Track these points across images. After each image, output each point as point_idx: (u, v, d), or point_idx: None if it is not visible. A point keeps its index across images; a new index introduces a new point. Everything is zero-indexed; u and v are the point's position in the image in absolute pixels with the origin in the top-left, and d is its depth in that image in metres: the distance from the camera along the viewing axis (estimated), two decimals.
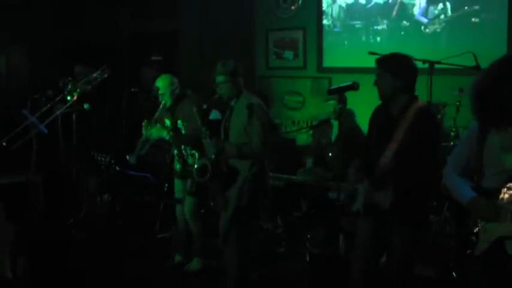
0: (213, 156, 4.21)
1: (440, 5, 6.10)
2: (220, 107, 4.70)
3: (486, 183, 2.84)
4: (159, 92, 4.98)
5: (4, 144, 5.06)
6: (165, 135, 4.88)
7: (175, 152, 5.03)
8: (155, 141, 5.10)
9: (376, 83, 3.48)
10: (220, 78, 4.23)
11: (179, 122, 4.93)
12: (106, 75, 5.85)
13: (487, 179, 2.84)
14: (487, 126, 2.81)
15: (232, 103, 4.28)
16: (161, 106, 5.01)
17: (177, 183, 5.11)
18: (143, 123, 5.04)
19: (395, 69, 3.42)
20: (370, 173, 3.43)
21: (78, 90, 5.57)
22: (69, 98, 5.55)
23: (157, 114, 5.01)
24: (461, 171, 2.98)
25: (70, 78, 5.64)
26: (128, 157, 5.03)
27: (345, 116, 5.48)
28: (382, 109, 3.57)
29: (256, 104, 4.18)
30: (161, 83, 4.99)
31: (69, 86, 5.55)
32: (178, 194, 5.10)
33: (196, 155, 4.80)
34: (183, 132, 4.91)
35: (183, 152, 4.95)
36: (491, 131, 2.79)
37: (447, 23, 6.09)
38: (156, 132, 4.95)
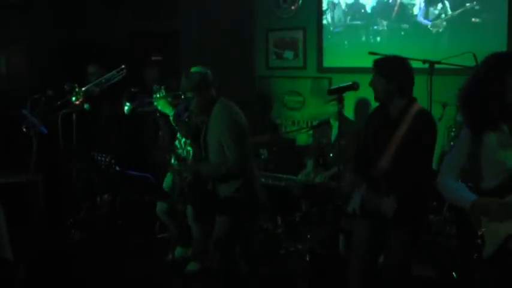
0: (190, 178, 4.09)
1: (440, 5, 6.10)
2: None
3: (486, 184, 2.79)
4: None
5: None
6: (169, 112, 4.81)
7: (176, 142, 5.00)
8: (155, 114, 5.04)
9: (370, 84, 3.50)
10: (188, 94, 4.00)
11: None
12: (121, 77, 5.87)
13: (486, 181, 2.79)
14: (481, 129, 2.78)
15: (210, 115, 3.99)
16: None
17: (168, 176, 5.09)
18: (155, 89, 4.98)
19: (389, 73, 3.42)
20: (368, 176, 3.43)
21: (82, 93, 5.62)
22: (73, 99, 5.59)
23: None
24: (458, 178, 2.91)
25: (76, 85, 5.68)
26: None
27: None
28: (380, 112, 3.57)
29: (230, 120, 3.87)
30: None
31: (76, 89, 5.59)
32: (165, 186, 5.09)
33: (191, 152, 4.79)
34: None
35: (180, 144, 4.93)
36: (486, 131, 2.76)
37: (447, 23, 6.08)
38: (162, 104, 4.86)
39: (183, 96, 4.87)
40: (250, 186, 4.02)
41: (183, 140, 4.93)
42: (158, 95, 4.89)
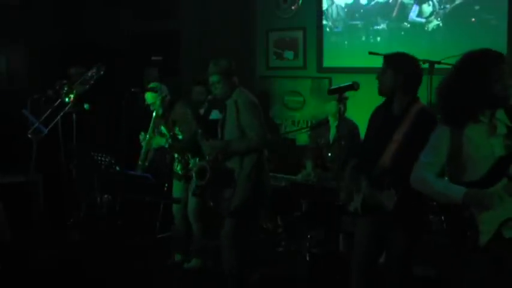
0: (209, 158, 4.18)
1: (431, 2, 6.09)
2: (219, 106, 4.69)
3: (469, 177, 2.79)
4: (149, 102, 5.03)
5: None
6: (164, 143, 4.92)
7: (176, 155, 5.03)
8: (155, 149, 5.15)
9: (378, 77, 3.51)
10: (213, 78, 4.21)
11: (176, 128, 4.94)
12: (101, 73, 5.87)
13: (469, 173, 2.80)
14: (463, 122, 2.79)
15: (227, 102, 4.25)
16: (153, 115, 5.04)
17: (176, 185, 5.11)
18: (140, 136, 5.10)
19: (397, 66, 3.45)
20: (369, 173, 3.43)
21: (74, 91, 5.61)
22: (66, 100, 5.58)
23: (151, 124, 5.05)
24: (442, 175, 2.94)
25: (65, 81, 5.67)
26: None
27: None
28: (382, 109, 3.59)
29: (247, 101, 4.16)
30: (149, 94, 5.04)
31: (65, 88, 5.58)
32: (176, 196, 5.11)
33: (197, 159, 4.81)
34: (180, 137, 4.93)
35: (185, 157, 4.97)
36: (468, 124, 2.79)
37: (447, 24, 6.08)
38: (156, 142, 5.03)
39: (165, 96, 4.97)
40: (258, 171, 4.20)
41: None
42: (142, 140, 5.15)
